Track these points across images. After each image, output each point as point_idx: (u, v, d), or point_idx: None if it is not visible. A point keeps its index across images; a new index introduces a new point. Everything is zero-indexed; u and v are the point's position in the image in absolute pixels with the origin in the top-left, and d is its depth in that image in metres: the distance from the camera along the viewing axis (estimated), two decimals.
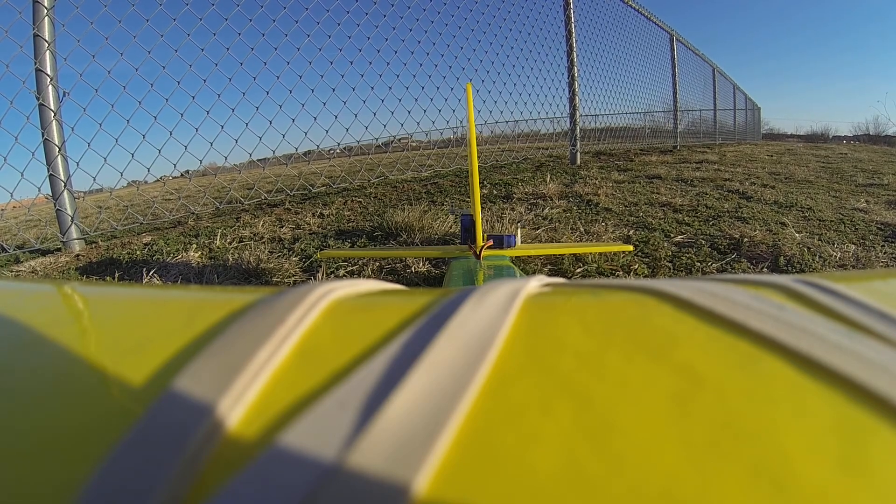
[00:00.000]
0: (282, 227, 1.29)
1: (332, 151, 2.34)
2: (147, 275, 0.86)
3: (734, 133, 6.28)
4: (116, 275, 0.92)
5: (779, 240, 0.91)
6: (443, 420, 0.07)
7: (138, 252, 1.08)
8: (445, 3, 1.95)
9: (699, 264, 0.81)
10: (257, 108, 1.52)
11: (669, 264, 0.81)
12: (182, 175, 1.47)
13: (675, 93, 4.04)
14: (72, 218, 1.20)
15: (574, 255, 0.85)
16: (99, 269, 0.99)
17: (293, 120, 1.62)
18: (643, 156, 2.82)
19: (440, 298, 0.11)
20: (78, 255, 1.15)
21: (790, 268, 0.79)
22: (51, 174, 1.19)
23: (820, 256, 0.83)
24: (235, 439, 0.07)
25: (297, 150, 1.67)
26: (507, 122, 2.44)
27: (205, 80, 1.39)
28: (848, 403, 0.08)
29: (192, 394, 0.08)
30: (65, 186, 1.20)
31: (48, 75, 1.17)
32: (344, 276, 0.84)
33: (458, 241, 0.86)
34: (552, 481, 0.06)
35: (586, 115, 2.68)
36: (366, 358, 0.09)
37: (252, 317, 0.10)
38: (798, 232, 0.97)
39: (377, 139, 1.99)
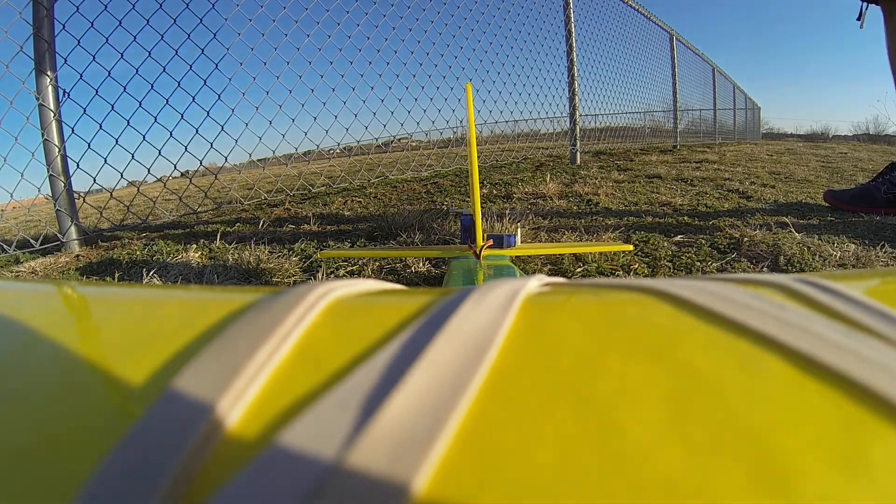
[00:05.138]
0: (282, 227, 1.29)
1: (331, 151, 2.34)
2: (147, 275, 0.86)
3: (734, 132, 6.28)
4: (116, 275, 0.92)
5: (779, 239, 0.91)
6: (442, 420, 0.07)
7: (138, 252, 1.08)
8: (445, 3, 1.95)
9: (699, 264, 0.81)
10: (257, 108, 1.52)
11: (669, 264, 0.81)
12: (182, 175, 1.47)
13: (674, 92, 4.04)
14: (72, 218, 1.20)
15: (574, 254, 0.85)
16: (99, 269, 0.99)
17: (293, 120, 1.62)
18: (643, 155, 2.81)
19: (440, 298, 0.11)
20: (78, 255, 1.14)
21: (790, 267, 0.79)
22: (51, 174, 1.18)
23: (820, 256, 0.83)
24: (235, 439, 0.07)
25: (296, 150, 1.67)
26: (507, 122, 2.45)
27: (205, 81, 1.39)
28: (848, 403, 0.08)
29: (192, 394, 0.08)
30: (65, 186, 1.20)
31: (48, 75, 1.17)
32: (344, 276, 0.84)
33: (458, 241, 0.86)
34: (552, 481, 0.06)
35: (586, 115, 2.68)
36: (366, 358, 0.09)
37: (252, 317, 0.10)
38: (798, 231, 0.97)
39: (377, 139, 1.99)
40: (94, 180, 1.26)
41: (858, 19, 1.04)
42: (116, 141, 1.26)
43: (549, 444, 0.07)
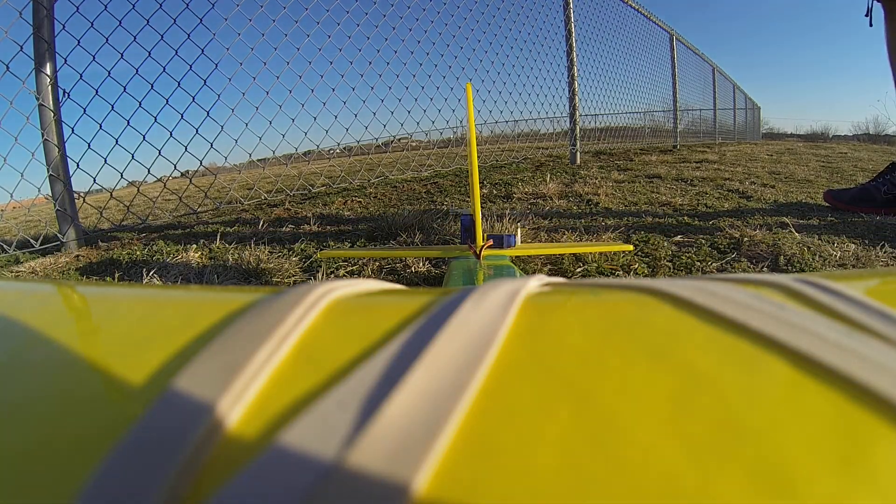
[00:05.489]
0: (282, 227, 1.29)
1: (331, 151, 2.34)
2: (147, 275, 0.86)
3: (734, 132, 6.28)
4: (116, 275, 0.92)
5: (779, 239, 0.91)
6: (442, 420, 0.07)
7: (138, 252, 1.08)
8: (445, 3, 1.95)
9: (699, 264, 0.81)
10: (257, 108, 1.52)
11: (669, 264, 0.81)
12: (182, 175, 1.47)
13: (674, 92, 4.04)
14: (72, 218, 1.20)
15: (574, 254, 0.85)
16: (99, 269, 0.99)
17: (293, 120, 1.62)
18: (643, 155, 2.81)
19: (440, 298, 0.11)
20: (78, 256, 1.14)
21: (790, 267, 0.79)
22: (51, 174, 1.18)
23: (820, 256, 0.83)
24: (235, 439, 0.07)
25: (296, 150, 1.67)
26: (507, 122, 2.45)
27: (205, 81, 1.39)
28: (848, 403, 0.08)
29: (192, 394, 0.08)
30: (65, 186, 1.20)
31: (48, 75, 1.17)
32: (344, 276, 0.84)
33: (458, 241, 0.86)
34: (552, 481, 0.06)
35: (586, 115, 2.69)
36: (365, 358, 0.09)
37: (252, 317, 0.10)
38: (798, 231, 0.97)
39: (377, 139, 1.99)
40: (94, 180, 1.26)
41: (867, 15, 1.04)
42: (116, 141, 1.26)
43: (549, 444, 0.07)
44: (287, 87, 1.57)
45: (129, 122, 1.28)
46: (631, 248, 0.80)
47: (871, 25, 1.05)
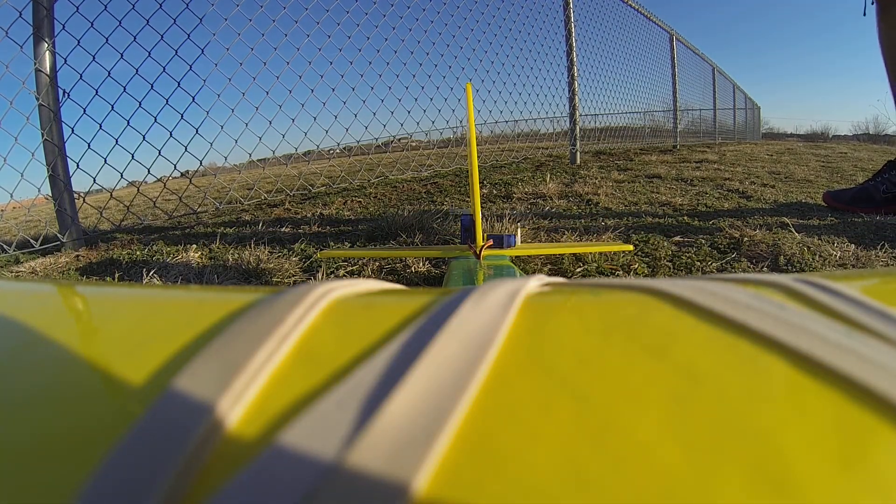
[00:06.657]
0: (282, 227, 1.29)
1: (331, 151, 2.34)
2: (147, 275, 0.86)
3: (734, 132, 6.28)
4: (116, 275, 0.92)
5: (779, 239, 0.91)
6: (442, 420, 0.07)
7: (138, 252, 1.08)
8: (445, 3, 1.95)
9: (699, 264, 0.81)
10: (257, 108, 1.52)
11: (669, 264, 0.81)
12: (182, 175, 1.47)
13: (674, 92, 4.04)
14: (72, 218, 1.20)
15: (574, 254, 0.85)
16: (99, 269, 0.99)
17: (293, 120, 1.62)
18: (643, 155, 2.81)
19: (440, 298, 0.11)
20: (78, 256, 1.14)
21: (790, 267, 0.79)
22: (51, 174, 1.18)
23: (820, 256, 0.83)
24: (235, 439, 0.07)
25: (296, 150, 1.67)
26: (507, 122, 2.45)
27: (204, 81, 1.39)
28: (848, 403, 0.08)
29: (192, 394, 0.08)
30: (65, 186, 1.20)
31: (48, 75, 1.17)
32: (344, 276, 0.84)
33: (458, 241, 0.86)
34: (552, 481, 0.06)
35: (586, 115, 2.69)
36: (365, 357, 0.09)
37: (252, 317, 0.10)
38: (798, 231, 0.97)
39: (377, 139, 1.99)
40: (94, 180, 1.26)
41: (873, 3, 1.04)
42: (116, 141, 1.26)
43: (549, 444, 0.07)
44: (287, 87, 1.57)
45: (129, 122, 1.28)
46: (631, 248, 0.79)
47: (864, 14, 1.05)
